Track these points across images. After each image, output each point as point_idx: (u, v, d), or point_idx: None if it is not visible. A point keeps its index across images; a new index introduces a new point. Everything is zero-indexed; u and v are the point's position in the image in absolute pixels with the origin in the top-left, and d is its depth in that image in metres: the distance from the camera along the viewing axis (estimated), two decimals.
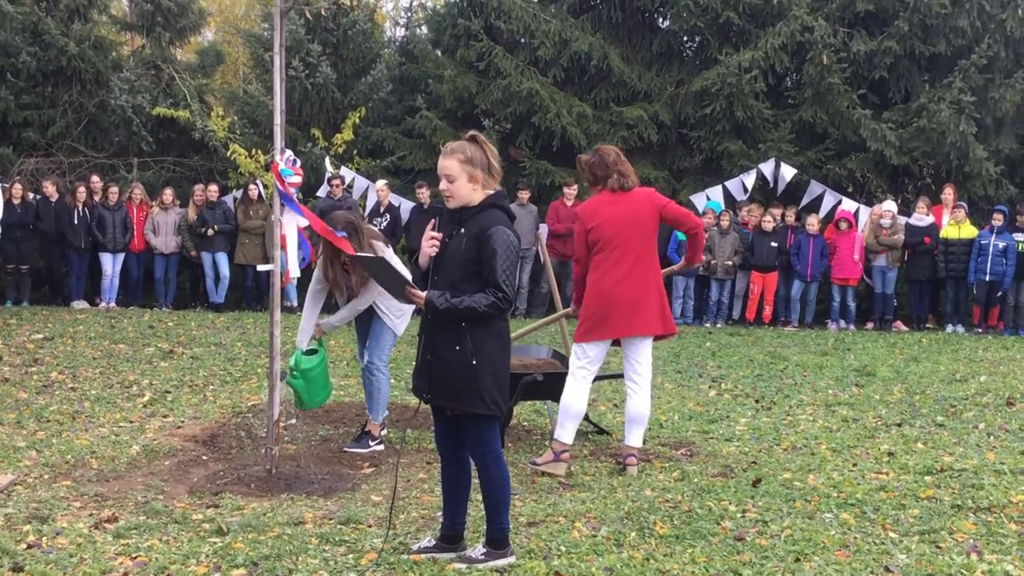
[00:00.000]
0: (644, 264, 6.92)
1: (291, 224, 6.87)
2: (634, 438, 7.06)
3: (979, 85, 16.55)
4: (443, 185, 4.98)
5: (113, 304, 15.99)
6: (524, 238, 15.67)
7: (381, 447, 7.76)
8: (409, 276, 5.35)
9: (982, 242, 14.93)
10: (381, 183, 16.41)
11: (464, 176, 4.92)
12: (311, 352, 7.61)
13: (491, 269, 4.80)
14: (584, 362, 7.03)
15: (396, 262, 7.48)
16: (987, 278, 14.85)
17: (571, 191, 16.27)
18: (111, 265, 16.08)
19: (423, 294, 4.90)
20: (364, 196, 17.04)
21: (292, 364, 7.47)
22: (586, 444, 7.91)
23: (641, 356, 7.05)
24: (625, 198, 6.96)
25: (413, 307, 7.40)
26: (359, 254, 6.11)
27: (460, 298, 4.79)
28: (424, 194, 16.08)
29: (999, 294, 15.00)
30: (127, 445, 7.61)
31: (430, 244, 4.98)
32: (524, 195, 16.14)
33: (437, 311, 4.84)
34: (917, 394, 9.80)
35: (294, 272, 6.87)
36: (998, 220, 14.85)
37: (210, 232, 16.18)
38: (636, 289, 6.88)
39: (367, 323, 7.79)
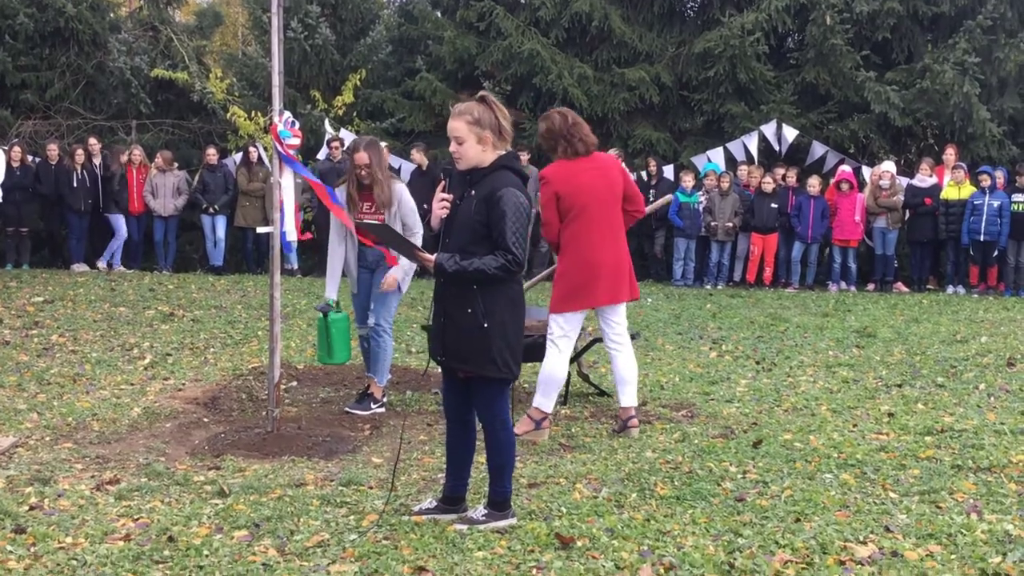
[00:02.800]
0: (618, 230, 6.90)
1: (289, 187, 6.85)
2: (628, 398, 7.06)
3: (983, 46, 16.43)
4: (452, 147, 4.94)
5: (119, 266, 16.01)
6: None
7: (383, 409, 7.77)
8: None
9: (975, 202, 14.88)
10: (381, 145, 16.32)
11: (472, 138, 4.87)
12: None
13: (500, 231, 4.76)
14: (567, 330, 6.97)
15: (409, 204, 7.47)
16: (982, 238, 14.82)
17: None
18: (124, 226, 16.10)
19: (432, 257, 4.87)
20: None
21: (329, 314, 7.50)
22: (587, 406, 7.93)
23: (620, 318, 7.05)
24: (592, 164, 6.85)
25: (415, 267, 7.42)
26: (364, 221, 6.08)
27: (469, 260, 4.76)
28: (418, 156, 16.03)
29: (995, 254, 14.96)
30: (128, 407, 7.63)
31: (441, 206, 4.94)
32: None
33: (446, 274, 4.82)
34: (917, 355, 9.80)
35: (291, 236, 6.85)
36: (985, 181, 14.79)
37: (211, 211, 16.18)
38: (617, 256, 6.86)
39: (368, 286, 7.76)
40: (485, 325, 4.82)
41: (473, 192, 4.88)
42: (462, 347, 4.89)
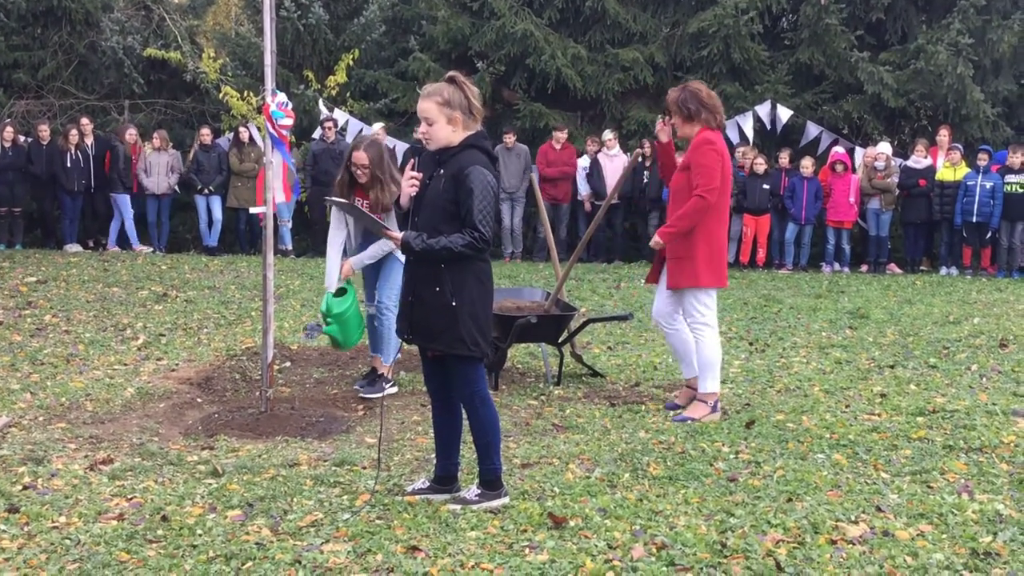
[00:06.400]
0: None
1: (277, 162, 6.88)
2: (698, 382, 6.99)
3: (977, 26, 16.42)
4: (422, 128, 4.95)
5: (114, 247, 16.01)
6: (513, 180, 15.67)
7: (395, 389, 7.74)
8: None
9: (968, 183, 14.89)
10: (378, 126, 16.28)
11: (443, 118, 4.88)
12: (339, 293, 7.42)
13: (467, 209, 4.78)
14: (712, 308, 7.00)
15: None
16: (975, 219, 14.84)
17: (561, 135, 16.22)
18: (130, 205, 16.10)
19: (399, 235, 4.89)
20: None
21: (323, 310, 7.31)
22: (580, 386, 7.93)
23: (684, 306, 7.00)
24: None
25: (387, 250, 7.41)
26: (331, 198, 6.06)
27: (436, 238, 4.78)
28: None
29: (988, 235, 14.99)
30: (122, 387, 7.62)
31: (410, 184, 4.96)
32: (510, 138, 16.03)
33: (413, 252, 4.84)
34: (910, 336, 9.82)
35: (280, 198, 6.85)
36: (983, 160, 14.82)
37: (206, 192, 16.16)
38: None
39: (377, 263, 7.69)
40: (453, 303, 4.83)
41: (442, 171, 4.90)
42: (430, 325, 4.91)
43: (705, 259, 6.79)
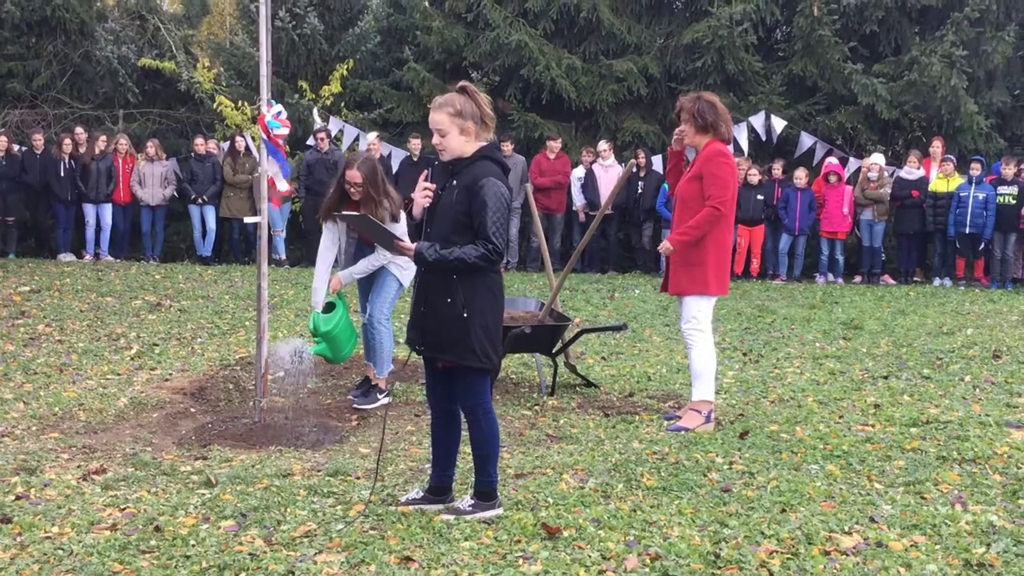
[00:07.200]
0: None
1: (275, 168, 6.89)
2: (692, 390, 7.01)
3: (970, 38, 16.47)
4: (435, 139, 4.94)
5: (107, 256, 15.99)
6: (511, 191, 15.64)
7: (389, 399, 7.73)
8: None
9: (961, 194, 14.94)
10: (372, 135, 16.29)
11: (455, 129, 4.88)
12: (328, 308, 7.41)
13: (481, 221, 4.77)
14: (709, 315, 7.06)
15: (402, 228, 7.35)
16: (967, 230, 14.88)
17: (555, 144, 16.25)
18: (94, 216, 16.04)
19: (412, 246, 4.89)
20: (352, 147, 16.94)
21: (311, 328, 7.31)
22: (574, 397, 7.94)
23: (683, 310, 7.01)
24: None
25: (381, 263, 7.40)
26: (343, 213, 6.05)
27: (450, 249, 4.78)
28: (416, 145, 16.04)
29: (981, 247, 15.03)
30: (115, 397, 7.61)
31: (423, 195, 4.96)
32: (507, 147, 16.00)
33: (427, 263, 4.83)
34: (904, 347, 9.83)
35: (282, 186, 6.85)
36: (976, 170, 14.86)
37: (200, 202, 16.14)
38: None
39: (371, 276, 7.68)
40: (465, 315, 4.83)
41: (455, 182, 4.89)
42: (442, 336, 4.90)
43: (714, 267, 6.86)
